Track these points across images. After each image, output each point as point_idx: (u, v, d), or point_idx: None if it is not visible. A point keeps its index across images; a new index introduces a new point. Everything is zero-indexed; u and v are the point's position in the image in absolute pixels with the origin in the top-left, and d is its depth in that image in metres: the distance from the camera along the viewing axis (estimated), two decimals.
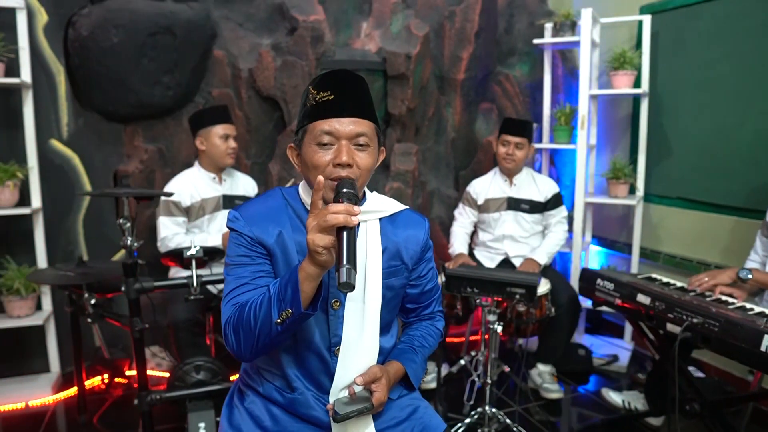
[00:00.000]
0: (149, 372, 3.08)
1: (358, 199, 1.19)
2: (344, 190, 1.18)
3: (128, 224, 2.10)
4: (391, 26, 3.53)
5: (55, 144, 3.13)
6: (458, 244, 3.19)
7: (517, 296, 2.42)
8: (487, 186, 3.21)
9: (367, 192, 1.43)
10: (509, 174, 3.14)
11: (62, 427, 2.69)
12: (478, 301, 2.57)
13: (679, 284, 2.50)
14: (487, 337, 2.62)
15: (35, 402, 2.88)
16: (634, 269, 3.40)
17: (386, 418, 1.41)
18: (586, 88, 3.20)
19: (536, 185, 3.14)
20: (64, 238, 3.18)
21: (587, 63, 3.19)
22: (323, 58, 3.33)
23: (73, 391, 2.89)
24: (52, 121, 3.11)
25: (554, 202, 3.13)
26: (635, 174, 3.36)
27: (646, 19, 3.23)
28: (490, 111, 3.83)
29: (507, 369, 2.91)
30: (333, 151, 1.25)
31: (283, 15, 3.36)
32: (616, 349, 3.41)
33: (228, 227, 1.35)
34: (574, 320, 2.97)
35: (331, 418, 1.29)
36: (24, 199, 2.98)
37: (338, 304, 1.34)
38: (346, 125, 1.25)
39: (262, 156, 3.45)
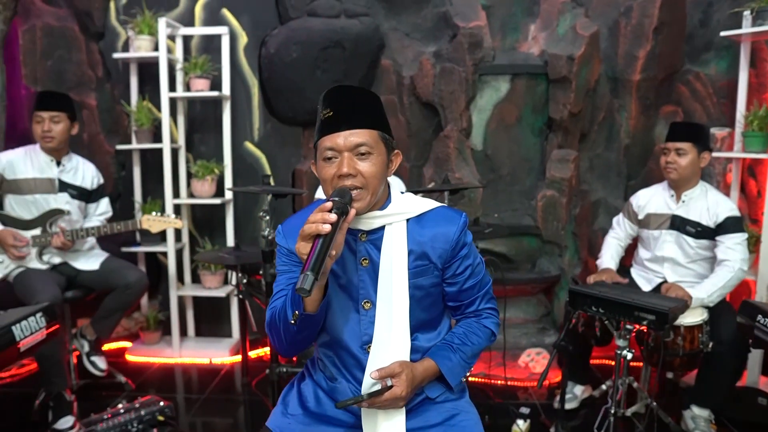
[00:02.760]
0: None
1: (345, 207, 1.24)
2: (334, 198, 1.25)
3: (267, 217, 2.42)
4: (558, 27, 3.38)
5: (248, 145, 3.70)
6: (608, 257, 2.92)
7: (645, 322, 2.17)
8: (651, 199, 2.86)
9: (393, 195, 1.45)
10: (677, 187, 2.76)
11: (229, 385, 3.19)
12: (606, 322, 2.37)
13: None
14: (621, 362, 2.39)
15: (216, 360, 3.47)
16: None
17: (420, 418, 1.43)
18: None
19: (707, 205, 2.69)
20: (251, 225, 3.74)
21: None
22: (481, 63, 3.34)
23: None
24: (247, 126, 3.68)
25: (727, 227, 2.60)
26: None
27: None
28: (674, 115, 3.41)
29: (653, 404, 2.60)
30: (336, 164, 1.32)
31: (447, 23, 3.45)
32: None
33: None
34: (740, 360, 2.52)
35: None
36: (220, 191, 3.58)
37: (369, 304, 1.41)
38: (345, 138, 1.30)
39: (421, 159, 3.59)
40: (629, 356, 2.32)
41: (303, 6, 3.49)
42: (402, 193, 1.50)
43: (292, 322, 1.27)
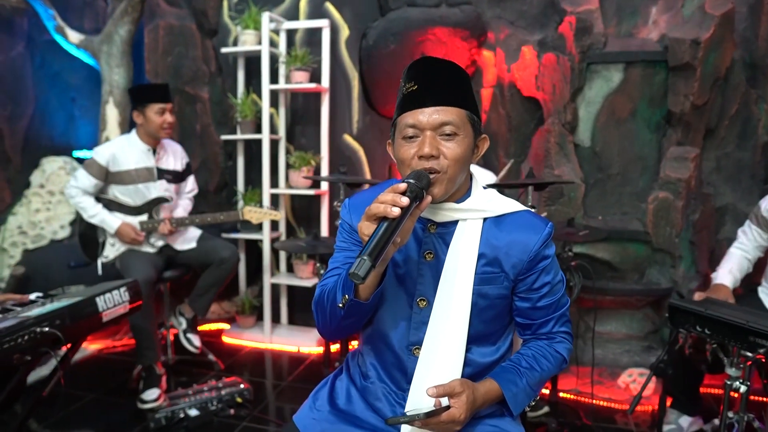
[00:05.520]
0: None
1: (420, 192, 1.12)
2: (409, 180, 1.13)
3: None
4: (683, 8, 2.99)
5: (347, 138, 3.71)
6: (724, 270, 2.48)
7: (763, 351, 1.83)
8: None
9: (474, 188, 1.31)
10: None
11: (310, 374, 3.21)
12: (714, 345, 2.03)
13: None
14: (732, 394, 2.04)
15: (304, 349, 3.53)
16: None
17: None
18: None
19: None
20: None
21: None
22: (589, 51, 3.04)
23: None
24: (347, 118, 3.70)
25: None
26: None
27: None
28: None
29: None
30: (417, 144, 1.20)
31: (555, 8, 3.20)
32: None
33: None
34: None
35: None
36: (316, 182, 3.62)
37: (424, 302, 1.29)
38: (429, 115, 1.19)
39: (522, 155, 3.37)
40: (743, 389, 1.97)
41: None
42: (484, 187, 1.35)
43: (340, 305, 1.18)
